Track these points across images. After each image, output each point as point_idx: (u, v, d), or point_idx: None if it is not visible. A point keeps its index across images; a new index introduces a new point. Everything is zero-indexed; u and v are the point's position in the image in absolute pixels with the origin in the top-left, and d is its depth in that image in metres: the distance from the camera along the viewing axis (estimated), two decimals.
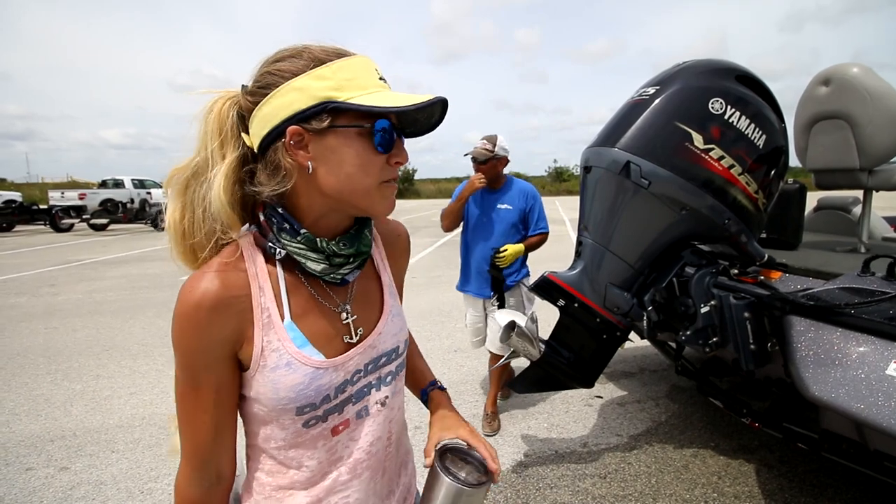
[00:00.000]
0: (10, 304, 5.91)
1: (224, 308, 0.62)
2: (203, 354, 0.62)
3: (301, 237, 0.65)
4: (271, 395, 0.64)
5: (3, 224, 15.00)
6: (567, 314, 2.13)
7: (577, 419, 2.85)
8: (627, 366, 3.61)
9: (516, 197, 2.70)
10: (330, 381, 0.67)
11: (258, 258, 0.66)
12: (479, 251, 2.71)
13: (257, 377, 0.64)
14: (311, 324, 0.67)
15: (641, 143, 1.99)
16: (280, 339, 0.64)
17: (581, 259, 2.17)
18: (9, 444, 2.73)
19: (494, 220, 2.68)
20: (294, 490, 0.69)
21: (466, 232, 2.79)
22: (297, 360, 0.64)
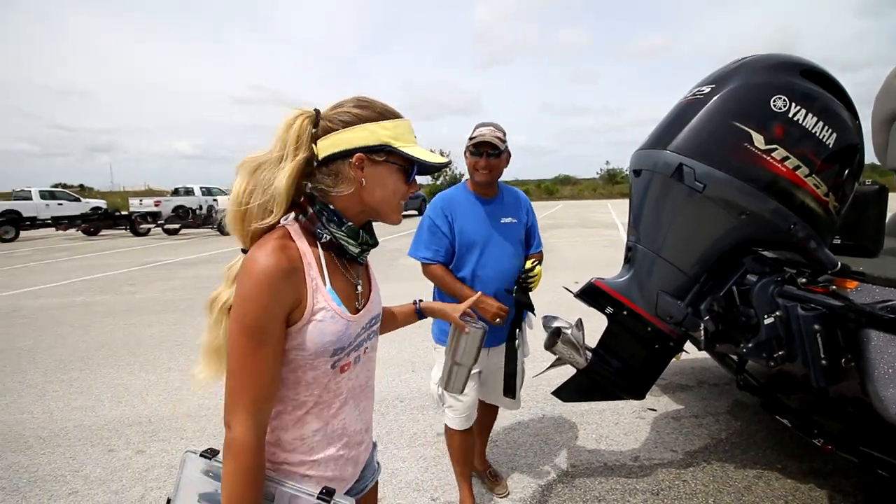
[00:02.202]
0: (96, 301, 6.52)
1: (290, 276, 0.82)
2: (272, 315, 0.80)
3: (346, 228, 0.91)
4: (318, 338, 0.86)
5: (91, 229, 16.58)
6: (615, 322, 2.07)
7: (628, 432, 2.75)
8: (684, 378, 3.43)
9: (517, 207, 2.10)
10: (354, 331, 0.92)
11: (303, 241, 0.88)
12: (492, 281, 1.97)
13: (307, 327, 0.85)
14: (341, 290, 0.91)
15: (695, 145, 1.90)
16: (325, 298, 0.87)
17: (630, 265, 2.10)
18: (94, 427, 3.02)
19: (503, 239, 2.01)
20: (309, 417, 0.90)
21: (457, 266, 2.01)
22: (337, 314, 0.88)
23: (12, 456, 2.71)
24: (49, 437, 2.92)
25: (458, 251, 1.97)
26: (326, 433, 0.93)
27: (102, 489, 2.38)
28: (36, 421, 3.13)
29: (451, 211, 1.98)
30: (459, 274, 1.99)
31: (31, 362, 4.23)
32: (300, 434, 0.90)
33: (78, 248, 13.17)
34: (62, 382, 3.75)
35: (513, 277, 2.00)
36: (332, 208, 0.90)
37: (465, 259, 1.98)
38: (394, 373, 3.72)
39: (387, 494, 2.27)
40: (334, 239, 0.90)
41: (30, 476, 2.51)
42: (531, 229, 2.15)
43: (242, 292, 0.79)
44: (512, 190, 2.14)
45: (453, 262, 2.00)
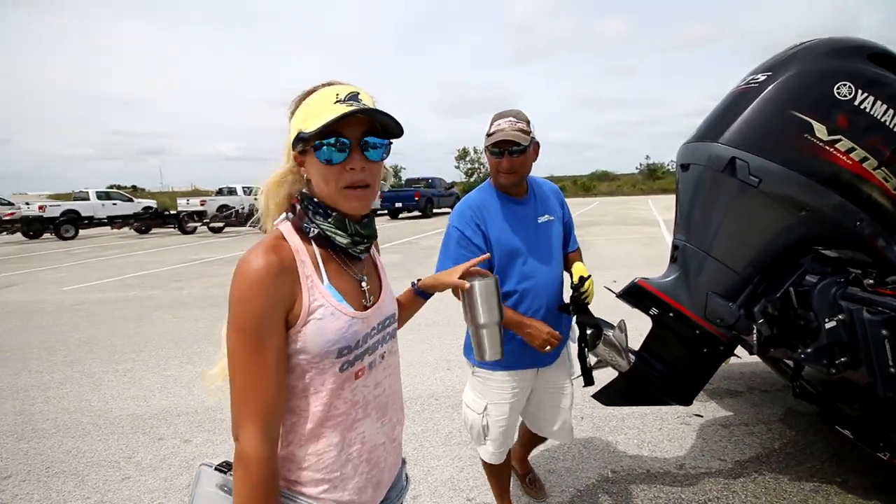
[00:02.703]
0: (147, 296, 6.86)
1: (283, 274, 0.78)
2: (269, 316, 0.76)
3: (332, 218, 0.85)
4: (318, 338, 0.80)
5: (142, 227, 17.51)
6: (660, 324, 1.98)
7: (673, 438, 2.64)
8: (733, 383, 3.27)
9: (551, 202, 1.82)
10: (360, 329, 0.86)
11: (296, 238, 0.85)
12: (542, 293, 1.70)
13: (306, 328, 0.80)
14: (342, 286, 0.86)
15: (749, 137, 1.79)
16: (323, 295, 0.82)
17: (677, 265, 2.01)
18: (145, 416, 3.17)
19: (545, 242, 1.74)
20: (323, 430, 0.84)
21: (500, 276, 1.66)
22: (338, 311, 0.83)
23: (72, 441, 2.88)
24: (104, 424, 3.09)
25: (497, 263, 1.66)
26: (343, 448, 0.86)
27: (153, 476, 2.49)
28: (93, 409, 3.32)
29: (483, 218, 1.67)
30: (501, 288, 1.63)
31: (89, 353, 4.49)
32: (314, 449, 0.84)
33: (131, 245, 13.92)
34: (116, 373, 3.96)
35: (561, 285, 1.77)
36: (315, 200, 0.86)
37: (508, 272, 1.67)
38: (429, 370, 3.73)
39: (422, 493, 2.27)
40: (322, 232, 0.85)
41: (87, 461, 2.66)
42: (567, 225, 1.90)
43: (234, 296, 0.76)
44: (541, 182, 1.86)
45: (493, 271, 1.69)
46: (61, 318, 5.82)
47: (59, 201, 19.01)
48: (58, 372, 4.03)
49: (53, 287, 7.77)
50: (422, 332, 4.59)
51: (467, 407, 1.83)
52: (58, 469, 2.59)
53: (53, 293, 7.30)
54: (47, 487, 2.43)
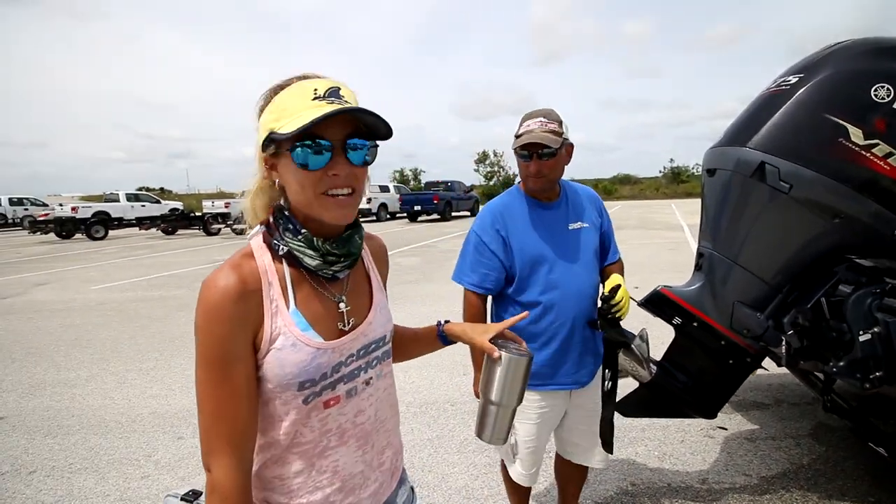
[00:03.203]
0: (171, 296, 7.02)
1: (244, 299, 0.72)
2: (232, 343, 0.71)
3: (301, 236, 0.77)
4: (277, 370, 0.74)
5: (169, 228, 17.95)
6: (684, 334, 1.92)
7: (695, 451, 2.55)
8: (760, 395, 3.15)
9: (586, 208, 1.67)
10: (328, 360, 0.78)
11: (266, 256, 0.78)
12: (568, 306, 1.57)
13: (267, 357, 0.74)
14: (311, 311, 0.78)
15: (780, 141, 1.72)
16: (286, 323, 0.75)
17: (702, 273, 1.95)
18: (166, 415, 3.22)
19: (575, 250, 1.60)
20: (289, 455, 0.79)
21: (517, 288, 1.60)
22: (300, 342, 0.75)
23: (94, 438, 2.95)
24: (127, 422, 3.16)
25: (519, 271, 1.57)
26: (311, 476, 0.80)
27: (171, 475, 2.52)
28: (116, 406, 3.40)
29: (505, 223, 1.59)
30: (522, 298, 1.58)
31: (114, 351, 4.61)
32: (279, 473, 0.80)
33: (158, 245, 14.29)
34: (140, 371, 4.05)
35: (593, 299, 1.62)
36: (287, 214, 0.77)
37: (530, 281, 1.56)
38: (445, 375, 3.70)
39: (436, 501, 2.24)
40: (290, 250, 0.76)
41: (109, 458, 2.72)
42: (606, 234, 1.72)
43: (196, 322, 0.71)
44: (577, 187, 1.72)
45: (515, 285, 1.59)
46: (89, 316, 5.99)
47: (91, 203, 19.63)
48: (84, 369, 4.14)
49: (83, 286, 8.01)
50: None
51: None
52: (80, 465, 2.66)
53: (83, 292, 7.53)
54: (69, 483, 2.49)
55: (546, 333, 1.57)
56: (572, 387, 1.64)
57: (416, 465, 2.54)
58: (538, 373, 1.58)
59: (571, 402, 1.68)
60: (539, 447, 1.69)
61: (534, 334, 1.58)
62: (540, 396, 1.62)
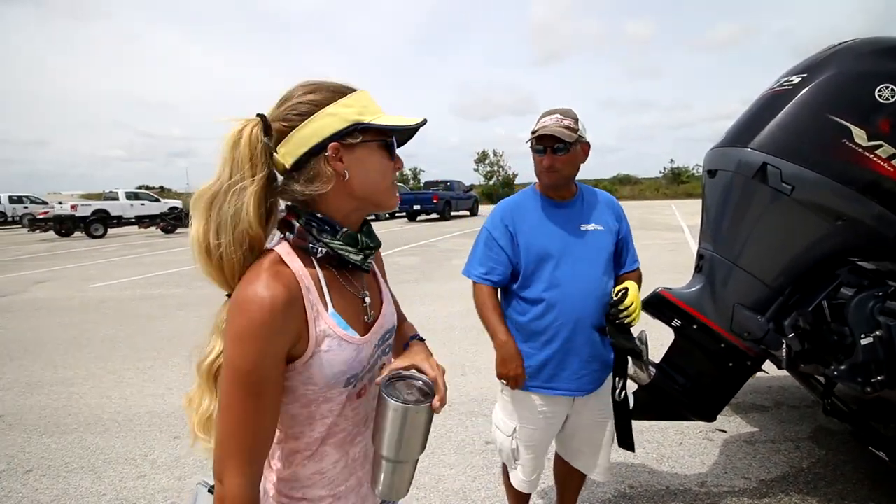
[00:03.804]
0: (171, 294, 7.00)
1: (289, 307, 0.71)
2: (271, 358, 0.70)
3: (341, 235, 0.79)
4: (327, 371, 0.76)
5: (168, 227, 17.91)
6: (683, 336, 1.91)
7: (694, 454, 2.54)
8: (759, 398, 3.14)
9: (602, 212, 1.63)
10: (367, 353, 0.82)
11: (296, 261, 0.77)
12: (571, 305, 1.53)
13: (312, 361, 0.75)
14: (345, 309, 0.80)
15: (782, 142, 1.71)
16: (329, 325, 0.76)
17: (702, 274, 1.93)
18: (163, 414, 3.21)
19: (583, 250, 1.56)
20: (326, 448, 0.82)
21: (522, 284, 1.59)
22: (345, 340, 0.77)
23: (91, 437, 2.93)
24: (124, 421, 3.14)
25: (524, 267, 1.56)
26: (347, 464, 0.85)
27: (167, 474, 2.51)
28: (113, 405, 3.38)
29: (514, 220, 1.59)
30: (526, 294, 1.57)
31: (112, 350, 4.59)
32: (319, 468, 0.83)
33: (157, 244, 14.27)
34: (137, 370, 4.04)
35: (600, 302, 1.56)
36: (320, 216, 0.78)
37: (535, 277, 1.55)
38: None
39: (433, 502, 2.23)
40: (331, 251, 0.78)
41: (105, 457, 2.71)
42: (624, 241, 1.66)
43: (235, 332, 0.68)
44: (595, 191, 1.70)
45: (520, 280, 1.59)
46: (88, 314, 5.98)
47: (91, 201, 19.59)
48: (82, 368, 4.13)
49: (82, 284, 8.00)
50: (438, 336, 4.56)
51: (496, 428, 1.71)
52: (77, 465, 2.64)
53: (82, 290, 7.51)
54: (66, 483, 2.48)
55: (548, 332, 1.55)
56: (575, 393, 1.59)
57: None
58: (539, 374, 1.57)
59: (574, 408, 1.64)
60: (540, 453, 1.66)
61: (535, 332, 1.56)
62: (542, 400, 1.60)
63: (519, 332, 1.59)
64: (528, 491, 1.71)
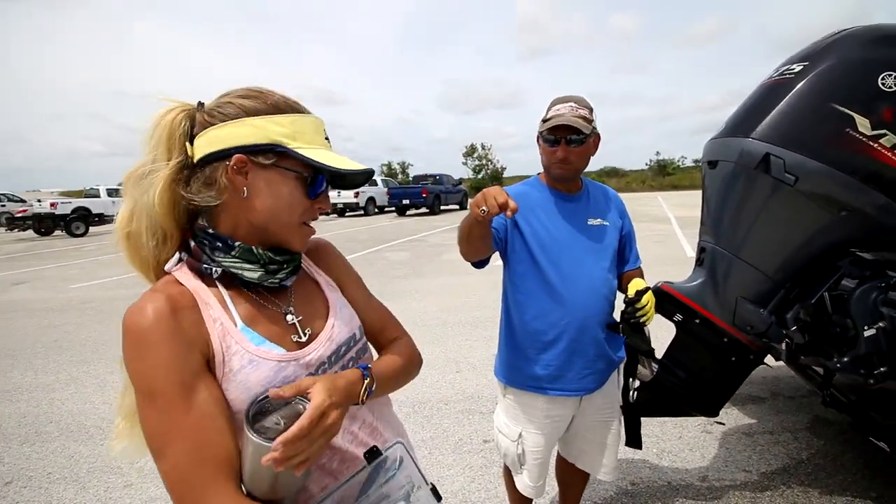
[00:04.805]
0: None
1: (180, 315, 0.66)
2: (182, 362, 0.64)
3: (236, 250, 0.73)
4: (245, 396, 0.68)
5: None
6: (685, 331, 1.87)
7: (693, 447, 2.52)
8: (756, 389, 3.14)
9: (607, 207, 1.58)
10: (295, 373, 0.72)
11: (194, 281, 0.72)
12: (579, 298, 1.46)
13: (226, 385, 0.68)
14: (262, 326, 0.73)
15: (785, 131, 1.67)
16: (237, 341, 0.69)
17: (703, 268, 1.90)
18: None
19: (591, 245, 1.50)
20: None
21: (524, 279, 1.50)
22: (258, 357, 0.70)
23: (74, 446, 2.82)
24: (108, 427, 3.03)
25: (527, 256, 1.47)
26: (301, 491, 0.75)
27: (155, 483, 2.42)
28: (97, 411, 3.27)
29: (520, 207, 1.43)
30: (530, 289, 1.48)
31: (94, 353, 4.45)
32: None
33: None
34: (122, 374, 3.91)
35: (607, 300, 1.51)
36: (211, 232, 0.72)
37: (540, 271, 1.45)
38: (437, 373, 3.63)
39: None
40: (226, 270, 0.71)
41: (90, 466, 2.60)
42: (627, 238, 1.61)
43: (129, 358, 0.64)
44: (599, 185, 1.65)
45: (523, 275, 1.49)
46: (69, 316, 5.80)
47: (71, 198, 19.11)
48: (63, 372, 4.00)
49: (62, 285, 7.78)
50: (431, 332, 4.51)
51: (500, 432, 1.63)
52: (59, 475, 2.54)
53: (62, 291, 7.30)
54: (48, 494, 2.38)
55: (553, 330, 1.47)
56: (580, 393, 1.53)
57: None
58: (543, 375, 1.51)
59: (580, 409, 1.58)
60: (547, 457, 1.60)
61: (539, 330, 1.49)
62: (547, 402, 1.53)
63: (521, 332, 1.53)
64: (534, 496, 1.63)
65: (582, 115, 1.41)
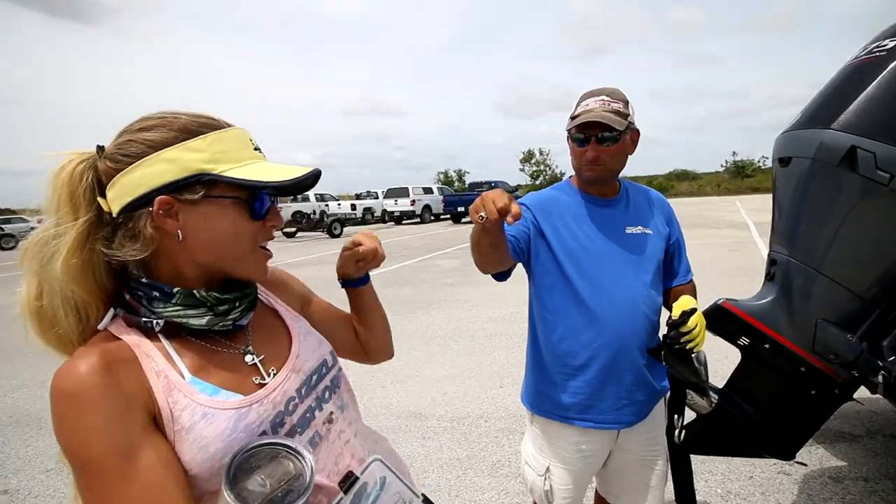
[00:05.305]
0: None
1: (116, 369, 0.58)
2: (121, 426, 0.55)
3: (176, 297, 0.64)
4: (203, 455, 0.59)
5: None
6: (752, 357, 1.60)
7: (767, 490, 2.18)
8: (848, 425, 2.69)
9: (650, 213, 1.38)
10: (259, 417, 0.64)
11: (132, 335, 0.63)
12: (613, 318, 1.27)
13: (179, 446, 0.59)
14: (215, 375, 0.65)
15: (875, 120, 1.39)
16: (186, 394, 0.61)
17: (774, 283, 1.62)
18: None
19: (628, 256, 1.31)
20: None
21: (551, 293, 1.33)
22: (212, 409, 0.61)
23: None
24: None
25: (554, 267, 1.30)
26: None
27: None
28: None
29: (545, 212, 1.33)
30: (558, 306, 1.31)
31: None
32: None
33: None
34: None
35: (648, 319, 1.30)
36: (145, 282, 0.64)
37: (569, 287, 1.28)
38: (479, 387, 3.48)
39: None
40: (169, 319, 0.64)
41: None
42: (675, 248, 1.40)
43: (59, 426, 0.55)
44: (642, 189, 1.44)
45: (550, 290, 1.32)
46: None
47: None
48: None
49: None
50: (476, 343, 4.37)
51: (526, 464, 1.45)
52: None
53: None
54: None
55: (584, 352, 1.29)
56: (616, 426, 1.31)
57: (441, 486, 2.35)
58: (571, 403, 1.33)
59: (618, 442, 1.37)
60: (579, 496, 1.39)
61: (567, 353, 1.31)
62: (578, 434, 1.33)
63: (548, 353, 1.36)
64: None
65: (615, 110, 1.23)
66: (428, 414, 3.16)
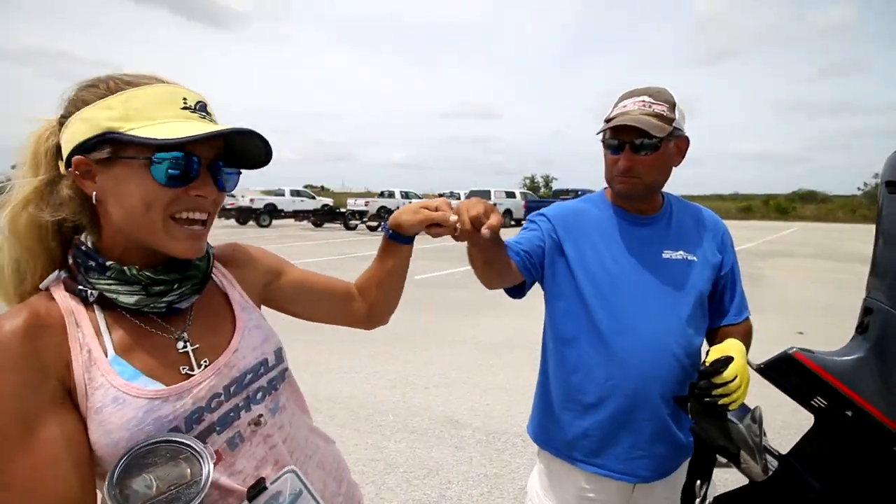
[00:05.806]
0: None
1: (38, 335, 0.57)
2: (29, 393, 0.54)
3: (110, 271, 0.62)
4: (105, 440, 0.57)
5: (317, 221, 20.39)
6: (828, 424, 1.31)
7: None
8: None
9: (697, 237, 1.20)
10: (174, 411, 0.60)
11: (70, 301, 0.62)
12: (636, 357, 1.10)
13: (89, 426, 0.58)
14: (140, 358, 0.62)
15: None
16: (104, 373, 0.59)
17: (866, 337, 1.30)
18: None
19: (659, 285, 1.13)
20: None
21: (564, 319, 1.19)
22: (125, 394, 0.58)
23: None
24: None
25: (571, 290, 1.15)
26: None
27: None
28: None
29: (568, 227, 1.18)
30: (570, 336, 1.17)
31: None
32: None
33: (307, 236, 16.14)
34: None
35: (679, 362, 1.11)
36: (83, 249, 0.63)
37: (585, 307, 1.13)
38: (521, 402, 3.31)
39: None
40: (101, 293, 0.61)
41: None
42: (727, 279, 1.21)
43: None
44: (694, 208, 1.26)
45: (563, 307, 1.18)
46: None
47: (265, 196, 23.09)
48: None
49: None
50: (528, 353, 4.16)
51: (530, 502, 1.32)
52: None
53: None
54: None
55: (597, 391, 1.13)
56: (629, 478, 1.13)
57: (463, 500, 2.25)
58: (577, 444, 1.17)
59: (634, 498, 1.19)
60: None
61: (579, 388, 1.15)
62: (584, 480, 1.17)
63: (557, 386, 1.21)
64: None
65: (656, 113, 1.06)
66: (465, 423, 3.06)
